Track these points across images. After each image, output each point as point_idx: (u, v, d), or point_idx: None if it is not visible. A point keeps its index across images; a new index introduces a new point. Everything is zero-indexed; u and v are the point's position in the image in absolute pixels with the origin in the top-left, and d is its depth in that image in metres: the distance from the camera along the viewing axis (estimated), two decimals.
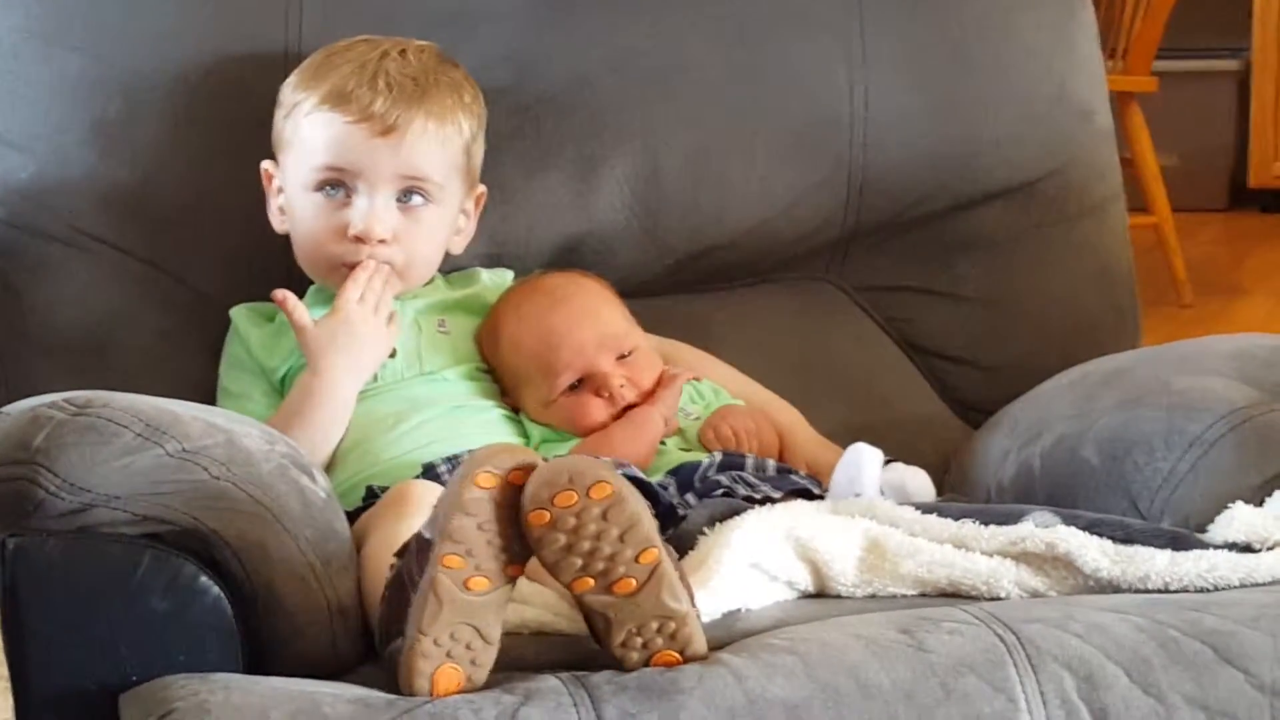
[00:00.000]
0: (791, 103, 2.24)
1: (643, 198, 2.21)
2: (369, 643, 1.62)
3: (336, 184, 2.02)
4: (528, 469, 1.48)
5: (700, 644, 1.50)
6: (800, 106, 2.24)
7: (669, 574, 1.49)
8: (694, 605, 1.52)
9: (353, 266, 2.02)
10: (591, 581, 1.48)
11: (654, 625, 1.49)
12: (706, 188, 2.23)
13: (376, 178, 2.01)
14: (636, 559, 1.47)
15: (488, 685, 1.48)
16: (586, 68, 2.20)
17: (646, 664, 1.49)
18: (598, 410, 2.00)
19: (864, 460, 1.86)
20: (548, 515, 1.46)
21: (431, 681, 1.47)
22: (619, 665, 1.50)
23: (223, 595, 1.56)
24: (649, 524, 1.48)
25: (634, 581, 1.48)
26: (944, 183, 2.27)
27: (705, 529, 1.70)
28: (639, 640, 1.49)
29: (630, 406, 2.00)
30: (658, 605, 1.48)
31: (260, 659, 1.58)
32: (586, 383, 2.01)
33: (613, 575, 1.48)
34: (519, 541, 1.48)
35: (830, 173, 2.25)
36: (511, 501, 1.47)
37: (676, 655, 1.49)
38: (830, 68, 2.24)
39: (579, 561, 1.47)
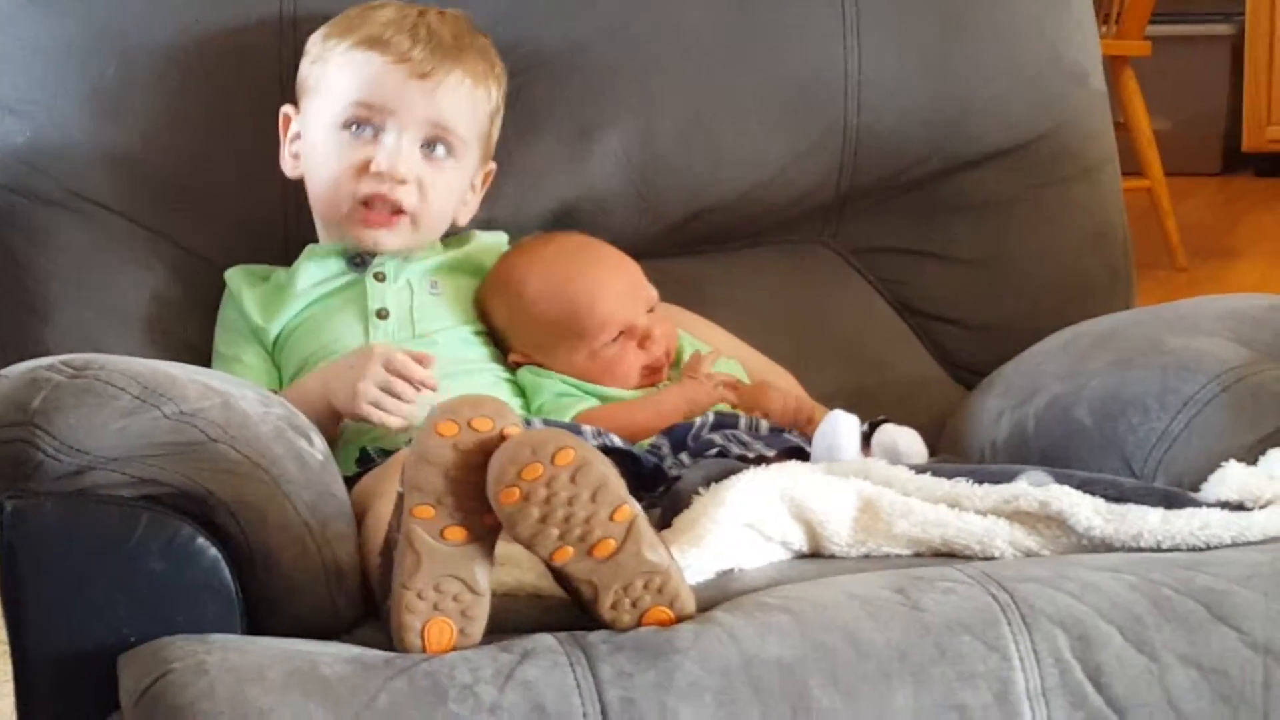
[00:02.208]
0: (785, 67, 2.24)
1: (637, 162, 2.21)
2: (369, 604, 1.62)
3: (364, 122, 2.03)
4: (490, 417, 1.47)
5: (688, 598, 1.50)
6: (794, 70, 2.24)
7: (645, 529, 1.48)
8: (672, 560, 1.52)
9: (368, 204, 2.03)
10: (571, 550, 1.47)
11: (640, 582, 1.48)
12: (700, 152, 2.23)
13: (407, 118, 2.03)
14: (611, 517, 1.47)
15: (484, 644, 1.48)
16: (581, 33, 2.19)
17: (639, 623, 1.49)
18: (637, 359, 2.03)
19: (840, 427, 1.85)
20: (518, 491, 1.45)
21: (422, 636, 1.46)
22: (612, 629, 1.49)
23: (220, 556, 1.56)
24: (617, 482, 1.48)
25: (613, 542, 1.47)
26: (938, 145, 2.27)
27: (700, 489, 1.69)
28: (628, 600, 1.48)
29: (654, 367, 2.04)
30: (640, 561, 1.48)
31: (258, 620, 1.58)
32: (626, 335, 2.04)
33: (591, 538, 1.47)
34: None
35: (824, 136, 2.25)
36: (476, 448, 1.46)
37: (667, 610, 1.49)
38: (824, 32, 2.24)
39: (555, 531, 1.46)
